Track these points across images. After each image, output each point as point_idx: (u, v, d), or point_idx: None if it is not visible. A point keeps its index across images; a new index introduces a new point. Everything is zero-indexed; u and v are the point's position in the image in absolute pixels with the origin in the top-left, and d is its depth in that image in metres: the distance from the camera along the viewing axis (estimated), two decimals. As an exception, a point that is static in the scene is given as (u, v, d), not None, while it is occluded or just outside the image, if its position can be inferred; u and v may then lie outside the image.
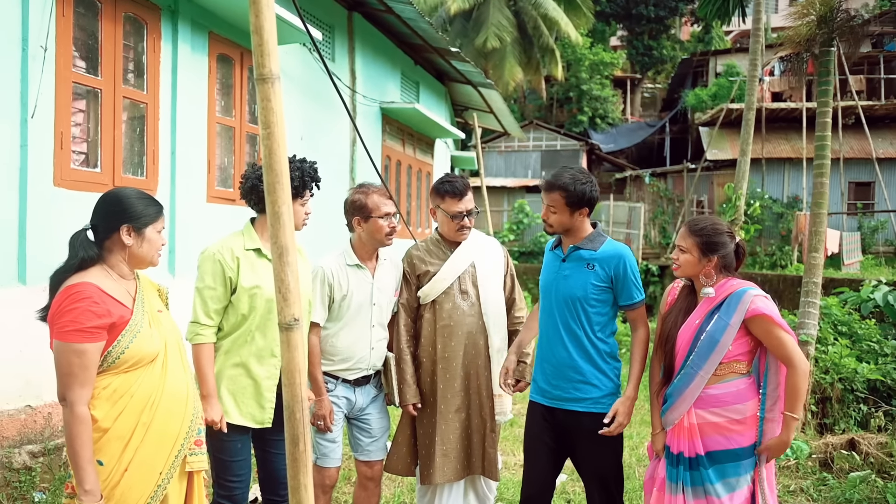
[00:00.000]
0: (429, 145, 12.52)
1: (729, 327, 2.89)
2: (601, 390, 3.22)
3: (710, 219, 3.10)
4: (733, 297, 2.93)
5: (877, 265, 16.32)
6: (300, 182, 3.05)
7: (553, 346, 3.24)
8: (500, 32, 24.25)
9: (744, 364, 2.96)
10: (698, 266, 3.00)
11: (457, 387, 3.64)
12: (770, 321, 2.86)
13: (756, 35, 10.33)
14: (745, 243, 3.15)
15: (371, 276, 3.55)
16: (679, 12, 34.85)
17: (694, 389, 2.94)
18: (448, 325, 3.64)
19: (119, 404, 2.26)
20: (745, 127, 10.12)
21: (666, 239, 23.46)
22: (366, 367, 3.54)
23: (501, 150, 28.32)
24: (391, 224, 3.48)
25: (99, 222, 2.35)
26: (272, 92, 1.60)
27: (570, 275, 3.21)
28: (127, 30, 5.16)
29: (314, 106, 7.92)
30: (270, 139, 1.59)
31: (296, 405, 1.75)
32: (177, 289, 5.45)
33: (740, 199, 9.78)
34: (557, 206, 3.17)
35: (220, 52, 6.17)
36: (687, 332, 3.00)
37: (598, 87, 30.99)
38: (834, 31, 7.25)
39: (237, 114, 6.44)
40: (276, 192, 1.61)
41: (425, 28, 9.64)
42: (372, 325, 3.54)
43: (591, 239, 3.23)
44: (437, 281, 3.65)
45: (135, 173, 5.24)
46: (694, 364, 2.94)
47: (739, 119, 21.81)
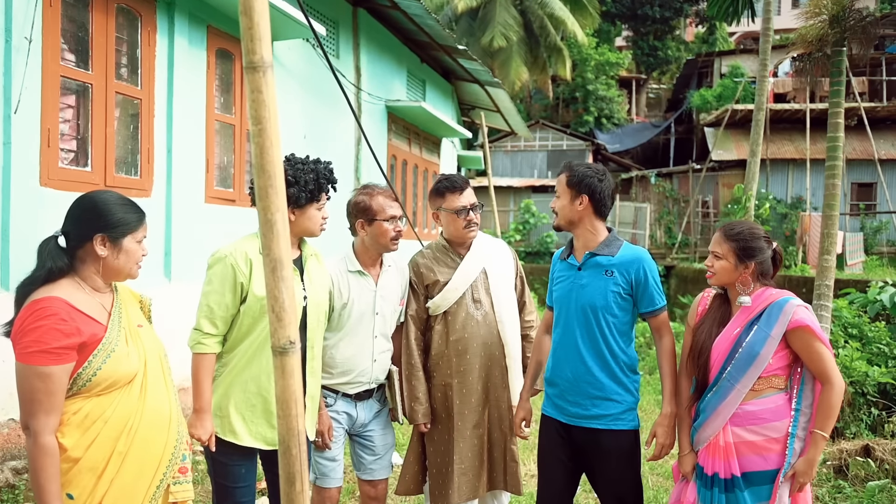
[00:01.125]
0: (435, 144, 12.29)
1: (770, 339, 2.69)
2: (621, 405, 3.01)
3: (746, 223, 2.89)
4: (774, 306, 2.73)
5: (881, 266, 16.19)
6: (315, 185, 2.84)
7: (571, 361, 3.02)
8: (507, 31, 24.09)
9: (782, 379, 2.75)
10: (734, 273, 2.80)
11: (474, 402, 3.41)
12: (812, 333, 2.67)
13: (766, 35, 10.13)
14: (781, 249, 2.94)
15: (374, 283, 3.32)
16: (684, 13, 34.73)
17: (729, 404, 2.73)
18: (462, 338, 3.40)
19: (91, 431, 2.01)
20: (755, 127, 9.91)
21: (671, 239, 23.33)
22: (367, 381, 3.30)
23: (507, 150, 28.15)
24: (396, 228, 3.26)
25: (71, 229, 2.10)
26: (264, 82, 1.37)
27: (588, 283, 2.99)
28: (120, 22, 4.92)
29: (317, 104, 7.70)
30: (262, 136, 1.37)
31: (292, 439, 1.53)
32: (173, 294, 5.28)
33: (750, 199, 9.58)
34: (561, 189, 3.03)
35: (220, 47, 5.95)
36: (723, 344, 2.79)
37: (604, 88, 30.89)
38: (846, 31, 7.04)
39: (237, 111, 6.21)
40: (269, 197, 1.39)
41: (432, 25, 9.42)
42: (374, 335, 3.30)
43: (608, 244, 3.03)
44: (448, 291, 3.41)
45: (128, 172, 5.02)
46: (731, 377, 2.73)
47: (744, 120, 22.16)
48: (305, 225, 2.87)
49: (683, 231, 22.61)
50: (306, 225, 2.88)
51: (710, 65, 29.06)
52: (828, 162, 7.07)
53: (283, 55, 6.89)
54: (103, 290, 2.17)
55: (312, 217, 2.87)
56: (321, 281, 3.01)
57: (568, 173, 3.03)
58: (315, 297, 2.92)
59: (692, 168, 23.97)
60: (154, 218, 5.16)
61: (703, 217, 23.55)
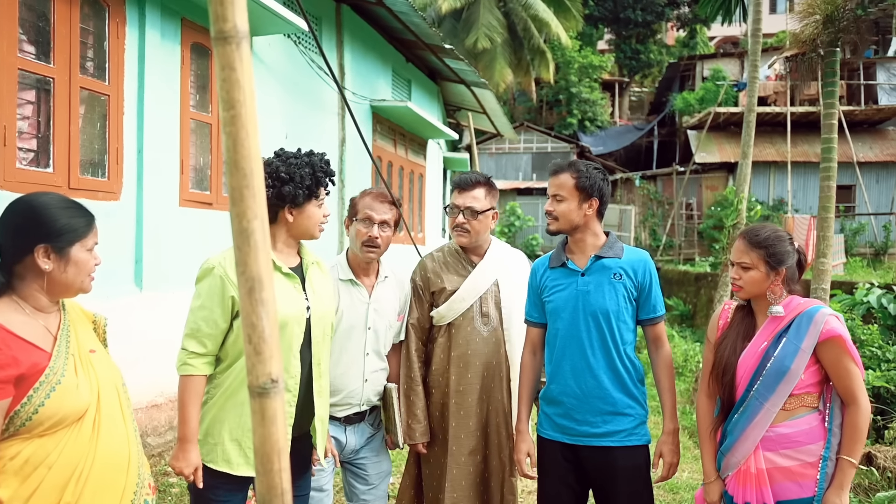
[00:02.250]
0: (421, 146, 12.00)
1: (800, 352, 2.43)
2: (634, 419, 2.78)
3: (767, 226, 2.62)
4: (804, 316, 2.47)
5: (862, 267, 16.16)
6: (312, 179, 2.53)
7: (579, 376, 2.76)
8: (491, 33, 23.87)
9: (815, 396, 2.48)
10: (765, 283, 2.54)
11: (472, 426, 3.10)
12: (843, 347, 2.42)
13: (756, 35, 9.94)
14: (805, 251, 2.69)
15: (368, 294, 3.00)
16: (665, 17, 34.74)
17: (758, 426, 2.47)
18: (465, 354, 3.11)
19: (33, 479, 1.68)
20: (746, 129, 9.72)
21: (656, 241, 23.28)
22: (358, 403, 2.98)
23: (492, 152, 27.95)
24: (370, 232, 2.92)
25: (6, 241, 1.76)
26: (237, 57, 1.07)
27: (595, 289, 2.75)
28: (85, 13, 4.57)
29: (299, 103, 7.38)
30: (236, 124, 1.07)
31: (274, 499, 1.24)
32: (144, 304, 4.94)
33: (742, 202, 9.40)
34: (566, 192, 2.76)
35: (195, 41, 5.62)
36: (750, 359, 2.52)
37: (588, 90, 30.82)
38: (840, 32, 6.87)
39: (214, 109, 5.89)
40: (245, 200, 1.09)
41: (418, 23, 9.14)
42: (366, 352, 2.98)
43: (611, 245, 2.81)
44: (455, 301, 3.11)
45: (95, 174, 4.66)
46: (759, 395, 2.47)
47: (727, 123, 22.23)
48: (305, 225, 2.56)
49: (668, 233, 22.58)
50: (306, 225, 2.56)
51: (693, 68, 29.11)
52: (823, 163, 6.88)
53: (262, 52, 6.58)
54: (48, 309, 1.83)
55: (312, 216, 2.56)
56: (325, 290, 2.70)
57: (576, 174, 2.78)
58: (320, 308, 2.60)
59: (676, 170, 23.97)
60: (123, 223, 4.82)
61: (686, 219, 23.53)
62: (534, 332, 2.98)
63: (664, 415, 2.84)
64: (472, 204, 3.11)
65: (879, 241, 18.48)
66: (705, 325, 11.60)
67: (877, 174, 20.08)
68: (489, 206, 3.16)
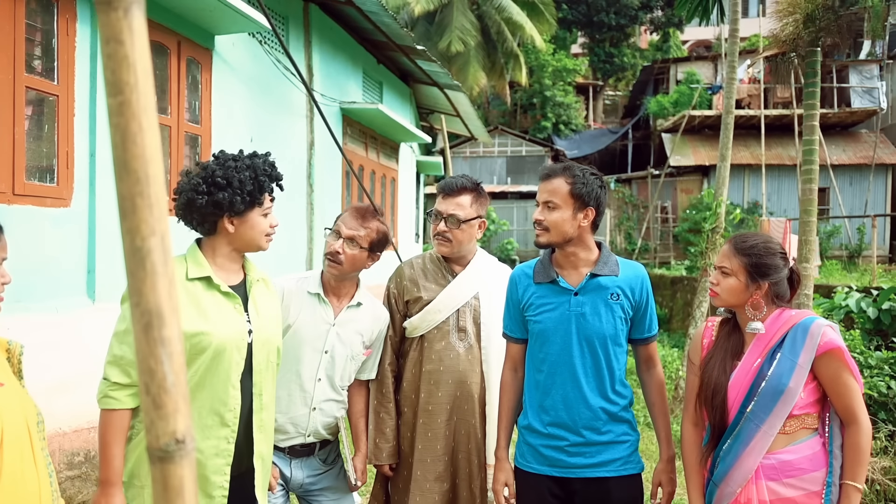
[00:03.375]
0: (393, 149, 11.76)
1: (797, 368, 2.23)
2: (629, 447, 2.57)
3: (760, 236, 2.42)
4: (798, 328, 2.27)
5: (839, 269, 16.21)
6: (254, 184, 2.24)
7: (572, 405, 2.52)
8: (464, 36, 23.73)
9: (815, 416, 2.28)
10: (744, 294, 2.34)
11: (439, 449, 2.86)
12: (843, 360, 2.22)
13: (734, 36, 9.82)
14: (799, 269, 2.50)
15: (333, 315, 2.75)
16: (639, 21, 34.83)
17: (754, 450, 2.25)
18: (436, 370, 2.87)
19: None
20: (724, 131, 9.56)
21: (632, 245, 23.23)
22: (303, 433, 2.71)
23: (466, 156, 27.76)
24: (334, 245, 2.70)
25: None
26: (126, 27, 0.84)
27: (590, 311, 2.50)
28: (32, 8, 4.27)
29: (265, 105, 7.12)
30: (125, 115, 0.84)
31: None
32: (97, 318, 4.65)
33: (721, 205, 9.26)
34: (559, 199, 2.48)
35: (153, 40, 5.34)
36: (742, 379, 2.31)
37: (562, 94, 30.80)
38: (820, 31, 6.74)
39: (173, 111, 5.61)
40: (138, 212, 0.85)
41: (389, 23, 8.91)
42: (317, 377, 2.71)
43: (606, 261, 2.56)
44: (429, 312, 2.88)
45: (42, 179, 4.36)
46: (755, 417, 2.26)
47: (701, 126, 22.27)
48: (249, 236, 2.29)
49: (643, 237, 22.53)
50: (249, 236, 2.29)
51: (666, 71, 29.14)
52: (804, 166, 6.75)
53: (226, 51, 6.31)
54: None
55: (256, 225, 2.29)
56: (271, 312, 2.42)
57: (571, 180, 2.50)
58: (264, 331, 2.33)
59: (651, 174, 23.96)
60: (74, 230, 4.53)
61: (662, 222, 23.52)
62: (514, 348, 2.73)
63: (660, 441, 2.65)
64: (455, 211, 2.87)
65: (853, 243, 18.56)
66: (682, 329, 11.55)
67: (850, 177, 20.18)
68: (475, 214, 2.92)
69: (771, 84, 21.07)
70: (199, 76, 5.92)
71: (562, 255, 2.58)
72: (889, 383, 6.07)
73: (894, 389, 5.97)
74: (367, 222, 2.74)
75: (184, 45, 5.67)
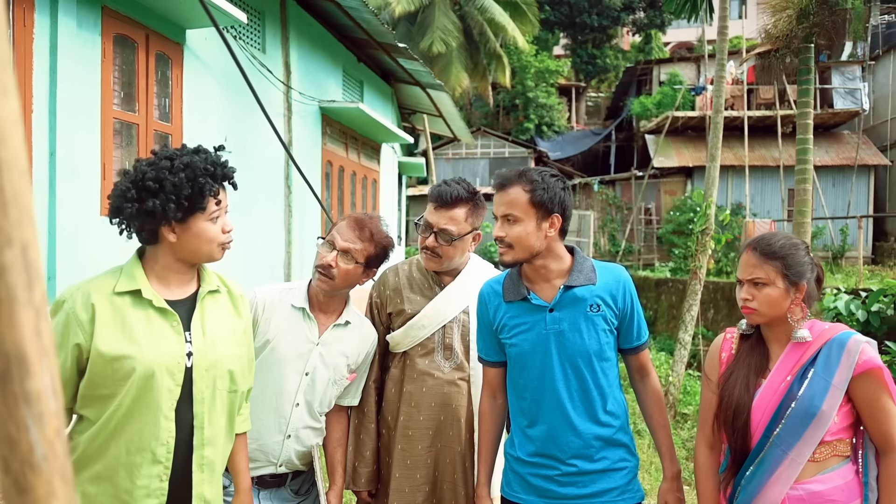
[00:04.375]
0: (374, 150, 11.48)
1: (832, 389, 1.97)
2: (627, 474, 2.30)
3: (778, 234, 2.15)
4: (834, 344, 2.01)
5: (827, 271, 16.12)
6: (193, 187, 1.89)
7: (558, 437, 2.24)
8: (446, 37, 23.49)
9: (847, 443, 2.02)
10: (786, 302, 2.06)
11: (419, 479, 2.57)
12: (883, 381, 1.96)
13: (723, 34, 9.66)
14: (822, 265, 2.24)
15: (318, 334, 2.45)
16: (621, 22, 34.77)
17: (780, 479, 2.00)
18: (418, 391, 2.59)
19: None
20: (714, 130, 9.38)
21: (615, 247, 23.13)
22: (275, 462, 2.42)
23: (449, 158, 27.51)
24: (326, 258, 2.40)
25: None
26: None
27: (569, 327, 2.22)
28: (-17, -6, 4.01)
29: (241, 102, 6.81)
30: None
31: None
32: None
33: (711, 206, 9.08)
34: (519, 210, 2.19)
35: (118, 33, 5.05)
36: (769, 398, 2.05)
37: (544, 95, 30.65)
38: (814, 26, 6.58)
39: (142, 108, 5.32)
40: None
41: (369, 20, 8.65)
42: (295, 402, 2.41)
43: (580, 269, 2.27)
44: (413, 327, 2.59)
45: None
46: (782, 442, 2.00)
47: (685, 127, 22.18)
48: (194, 246, 1.95)
49: (627, 238, 22.42)
50: (195, 245, 1.95)
51: (649, 72, 29.08)
52: (798, 165, 6.59)
53: (198, 46, 6.03)
54: None
55: (203, 233, 1.95)
56: (224, 330, 2.05)
57: (529, 187, 2.20)
58: (209, 353, 1.98)
59: (634, 175, 23.85)
60: (33, 235, 4.23)
61: (646, 224, 23.41)
62: (492, 372, 2.44)
63: (662, 457, 2.38)
64: (448, 226, 2.57)
65: (836, 244, 18.50)
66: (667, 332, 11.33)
67: (833, 178, 20.14)
68: (469, 228, 2.62)
69: (754, 85, 21.00)
70: (169, 72, 5.64)
71: (531, 268, 2.29)
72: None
73: (892, 396, 5.82)
74: (366, 235, 2.44)
75: (152, 38, 5.38)
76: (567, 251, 2.33)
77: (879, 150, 20.50)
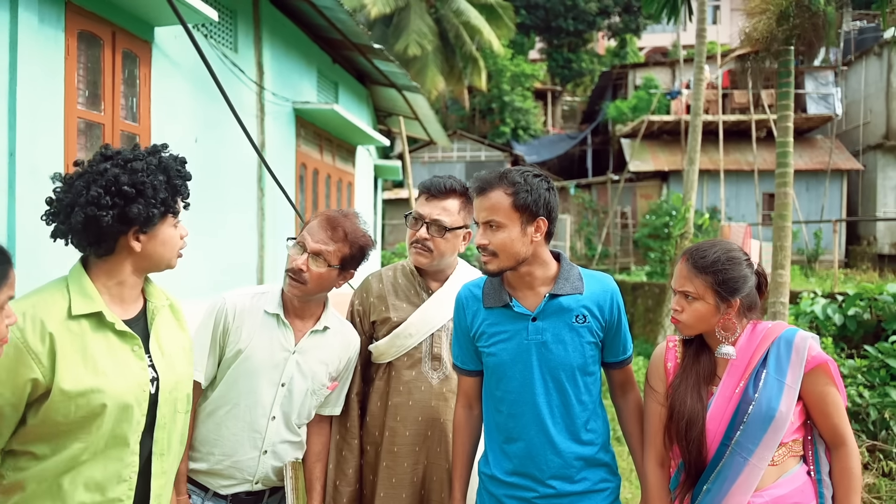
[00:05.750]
0: (350, 152, 11.32)
1: (787, 389, 1.92)
2: (609, 495, 2.18)
3: (718, 245, 2.05)
4: (781, 343, 1.97)
5: (800, 274, 16.23)
6: (168, 188, 1.78)
7: (537, 455, 2.12)
8: (422, 40, 23.44)
9: (800, 442, 1.99)
10: (715, 318, 2.00)
11: (405, 499, 2.43)
12: (830, 374, 1.93)
13: (701, 36, 9.67)
14: (764, 269, 2.15)
15: (294, 342, 2.30)
16: (597, 26, 34.93)
17: (741, 488, 1.92)
18: (404, 404, 2.45)
19: None
20: (693, 134, 9.41)
21: (591, 251, 23.18)
22: (249, 479, 2.27)
23: (425, 161, 27.41)
24: (296, 261, 2.24)
25: None
26: None
27: (553, 338, 2.10)
28: (-64, -14, 3.82)
29: (212, 103, 6.62)
30: None
31: None
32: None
33: (689, 210, 9.07)
34: (502, 215, 2.05)
35: (83, 29, 4.84)
36: (723, 407, 1.98)
37: (520, 99, 30.71)
38: (794, 28, 6.55)
39: (107, 108, 5.12)
40: None
41: (344, 20, 8.51)
42: (271, 415, 2.26)
43: (567, 277, 2.15)
44: (399, 336, 2.45)
45: (-51, 181, 3.89)
46: (742, 449, 1.92)
47: (660, 131, 22.29)
48: (158, 254, 1.82)
49: (603, 242, 22.48)
50: (159, 254, 1.82)
51: (625, 77, 29.21)
52: (778, 169, 6.52)
53: (167, 44, 5.84)
54: None
55: (168, 240, 1.83)
56: (178, 347, 1.92)
57: (512, 189, 2.06)
58: (171, 375, 1.85)
59: (610, 179, 23.96)
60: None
61: (622, 228, 23.50)
62: (467, 381, 2.31)
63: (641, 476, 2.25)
64: (440, 217, 2.44)
65: (810, 248, 18.64)
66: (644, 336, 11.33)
67: (807, 182, 20.30)
68: (462, 223, 2.50)
69: (729, 90, 21.14)
70: (136, 70, 5.45)
71: (515, 275, 2.16)
72: (862, 392, 5.86)
73: (867, 399, 5.77)
74: (339, 235, 2.27)
75: (119, 36, 5.19)
76: (553, 257, 2.21)
77: (852, 154, 20.74)
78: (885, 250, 19.18)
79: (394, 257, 17.12)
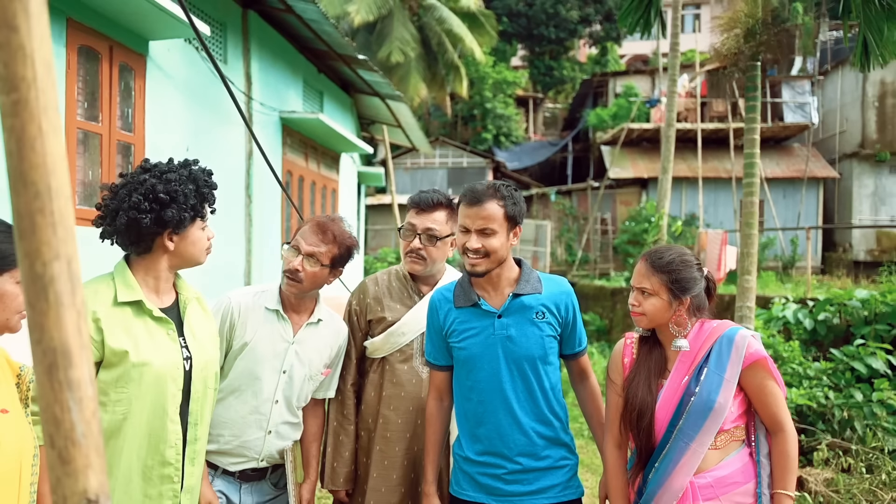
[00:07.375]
0: (334, 160, 11.57)
1: (725, 383, 2.19)
2: (568, 471, 2.47)
3: (674, 249, 2.35)
4: (723, 341, 2.23)
5: (774, 280, 16.61)
6: (197, 196, 2.10)
7: (505, 435, 2.40)
8: (404, 47, 23.65)
9: (743, 428, 2.26)
10: (668, 312, 2.27)
11: (395, 480, 2.71)
12: (768, 369, 2.21)
13: (675, 49, 10.00)
14: (714, 277, 2.45)
15: (292, 333, 2.60)
16: (578, 34, 35.33)
17: (683, 469, 2.19)
18: (397, 395, 2.73)
19: None
20: (666, 143, 9.74)
21: (572, 256, 23.46)
22: (256, 457, 2.55)
23: (407, 167, 27.62)
24: (293, 263, 2.54)
25: None
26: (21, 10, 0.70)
27: (516, 332, 2.40)
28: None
29: (202, 113, 6.88)
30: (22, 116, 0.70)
31: None
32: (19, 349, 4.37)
33: (663, 217, 9.38)
34: (497, 224, 2.34)
35: (83, 44, 5.08)
36: (670, 398, 2.25)
37: (502, 106, 30.96)
38: (760, 45, 6.88)
39: (105, 119, 5.36)
40: (39, 232, 0.72)
41: (330, 31, 8.76)
42: (275, 399, 2.55)
43: (527, 279, 2.46)
44: (393, 334, 2.73)
45: (-42, 190, 4.11)
46: (684, 435, 2.20)
47: (640, 138, 22.66)
48: (189, 252, 2.14)
49: (583, 248, 22.76)
50: (190, 252, 2.15)
51: (605, 85, 29.57)
52: (746, 178, 6.85)
53: (160, 57, 6.08)
54: None
55: (197, 241, 2.15)
56: (207, 333, 2.26)
57: (503, 202, 2.37)
58: (202, 356, 2.17)
59: (591, 186, 24.22)
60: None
61: (602, 234, 23.79)
62: (439, 376, 2.60)
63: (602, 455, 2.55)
64: (432, 226, 2.73)
65: (787, 254, 19.03)
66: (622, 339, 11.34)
67: (784, 190, 20.71)
68: (449, 231, 2.78)
69: (707, 98, 21.53)
70: (132, 83, 5.68)
71: (486, 278, 2.46)
72: (827, 393, 6.16)
73: (832, 400, 6.07)
74: (329, 237, 2.59)
75: (116, 50, 5.43)
76: (515, 262, 2.52)
77: (828, 162, 21.12)
78: (860, 257, 19.51)
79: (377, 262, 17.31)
